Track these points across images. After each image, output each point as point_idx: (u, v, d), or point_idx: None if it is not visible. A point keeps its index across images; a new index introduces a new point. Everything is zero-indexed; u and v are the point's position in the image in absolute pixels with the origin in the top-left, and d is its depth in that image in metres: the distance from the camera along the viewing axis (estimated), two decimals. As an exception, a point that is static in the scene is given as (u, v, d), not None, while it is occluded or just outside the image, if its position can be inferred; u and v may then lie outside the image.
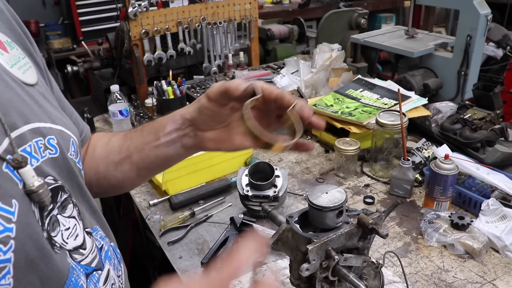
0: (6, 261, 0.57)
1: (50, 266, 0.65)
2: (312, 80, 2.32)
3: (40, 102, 0.75)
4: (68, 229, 0.73)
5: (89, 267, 0.77)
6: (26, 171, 0.63)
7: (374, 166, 1.80)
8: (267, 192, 1.51)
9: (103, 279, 0.81)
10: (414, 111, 1.89)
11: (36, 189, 0.64)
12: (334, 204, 0.98)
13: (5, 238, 0.57)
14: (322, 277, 1.01)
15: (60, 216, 0.72)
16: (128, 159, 0.97)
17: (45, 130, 0.72)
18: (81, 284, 0.73)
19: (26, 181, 0.63)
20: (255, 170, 1.56)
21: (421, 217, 1.50)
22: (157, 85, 2.27)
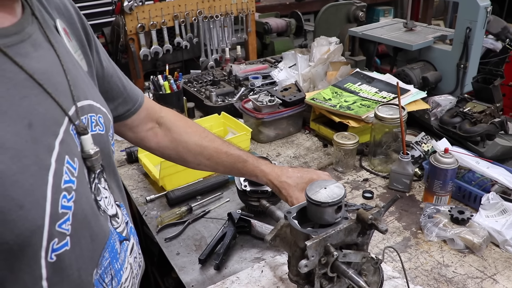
0: (68, 208, 0.65)
1: (98, 225, 0.74)
2: (310, 74, 2.30)
3: (90, 84, 0.85)
4: (106, 197, 0.83)
5: (121, 235, 0.87)
6: (87, 138, 0.74)
7: (373, 160, 1.78)
8: (265, 187, 1.45)
9: (129, 249, 0.91)
10: (413, 105, 1.87)
11: (93, 154, 0.75)
12: (333, 200, 0.97)
13: (69, 187, 0.66)
14: (321, 274, 0.99)
15: (100, 185, 0.80)
16: (211, 167, 1.29)
17: (97, 108, 0.83)
18: (116, 248, 0.83)
19: (85, 147, 0.74)
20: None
21: (421, 212, 1.49)
22: (153, 79, 2.24)
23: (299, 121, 2.09)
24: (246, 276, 1.27)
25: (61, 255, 0.64)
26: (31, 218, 0.59)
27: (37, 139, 0.62)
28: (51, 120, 0.67)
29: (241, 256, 1.36)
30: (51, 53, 0.73)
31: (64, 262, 0.65)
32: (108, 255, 0.79)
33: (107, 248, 0.78)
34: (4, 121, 0.59)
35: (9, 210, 0.56)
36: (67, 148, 0.68)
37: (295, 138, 2.06)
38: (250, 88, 2.35)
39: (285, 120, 2.02)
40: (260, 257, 1.36)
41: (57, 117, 0.69)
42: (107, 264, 0.79)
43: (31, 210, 0.59)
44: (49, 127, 0.66)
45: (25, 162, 0.59)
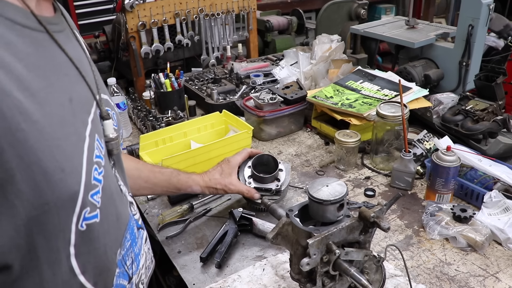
0: (99, 181, 0.70)
1: (121, 205, 0.80)
2: (311, 72, 2.29)
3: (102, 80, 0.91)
4: (122, 186, 0.87)
5: (138, 223, 0.92)
6: (109, 123, 0.80)
7: (375, 158, 1.78)
8: (269, 185, 1.46)
9: (144, 238, 0.96)
10: (415, 103, 1.87)
11: (114, 138, 0.80)
12: (335, 198, 0.96)
13: (99, 162, 0.71)
14: (323, 272, 0.99)
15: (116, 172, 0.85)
16: (151, 190, 1.41)
17: (112, 105, 0.90)
18: (135, 233, 0.88)
19: (106, 131, 0.79)
20: (258, 163, 1.51)
21: (423, 210, 1.48)
22: (154, 77, 2.24)
23: (300, 119, 2.08)
24: (247, 275, 1.27)
25: (91, 226, 0.67)
26: (70, 182, 0.62)
27: (76, 113, 0.68)
28: (85, 99, 0.74)
29: (243, 254, 1.36)
30: (79, 47, 0.81)
31: (93, 233, 0.68)
32: (130, 236, 0.84)
33: (128, 230, 0.83)
34: (52, 92, 0.63)
35: (53, 171, 0.59)
36: (96, 127, 0.74)
37: (297, 136, 2.06)
38: (251, 86, 2.35)
39: (287, 118, 2.01)
40: (261, 256, 1.35)
41: (89, 99, 0.76)
42: (128, 246, 0.83)
43: (71, 175, 0.63)
44: (84, 105, 0.72)
45: (68, 130, 0.64)
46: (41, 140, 0.58)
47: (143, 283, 0.93)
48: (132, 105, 2.28)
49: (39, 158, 0.58)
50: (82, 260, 0.68)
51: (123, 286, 0.82)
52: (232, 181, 1.41)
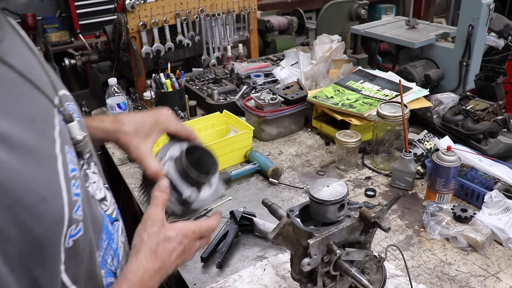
0: (78, 195, 0.67)
1: (93, 210, 0.76)
2: (312, 72, 2.30)
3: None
4: (94, 182, 0.83)
5: (111, 217, 0.88)
6: (74, 125, 0.75)
7: (375, 158, 1.78)
8: (184, 187, 0.97)
9: (120, 229, 0.92)
10: (415, 103, 1.87)
11: (81, 139, 0.75)
12: (336, 198, 0.96)
13: (75, 175, 0.68)
14: (324, 272, 0.99)
15: (88, 171, 0.81)
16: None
17: (68, 97, 0.82)
18: (110, 230, 0.85)
19: (73, 133, 0.74)
20: (196, 156, 1.03)
21: (423, 210, 1.48)
22: (155, 77, 2.24)
23: (301, 119, 2.08)
24: (248, 275, 1.27)
25: (77, 240, 0.66)
26: (54, 209, 0.61)
27: (41, 133, 0.64)
28: (47, 113, 0.68)
29: (244, 254, 1.36)
30: (25, 48, 0.74)
31: (79, 246, 0.67)
32: (106, 237, 0.82)
33: (103, 230, 0.81)
34: (11, 121, 0.59)
35: (36, 204, 0.58)
36: (64, 138, 0.69)
37: (297, 136, 2.06)
38: (252, 86, 2.35)
39: (287, 118, 2.02)
40: (262, 256, 1.35)
41: (50, 110, 0.69)
42: (106, 245, 0.81)
43: (53, 201, 0.61)
44: (47, 121, 0.67)
45: (39, 156, 0.61)
46: (15, 179, 0.56)
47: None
48: (133, 105, 2.28)
49: (18, 198, 0.55)
50: (72, 272, 0.67)
51: (111, 283, 0.82)
52: (139, 146, 0.99)
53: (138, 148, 0.99)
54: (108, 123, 1.03)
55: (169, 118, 1.05)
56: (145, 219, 0.88)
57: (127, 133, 1.00)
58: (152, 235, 0.86)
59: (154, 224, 0.87)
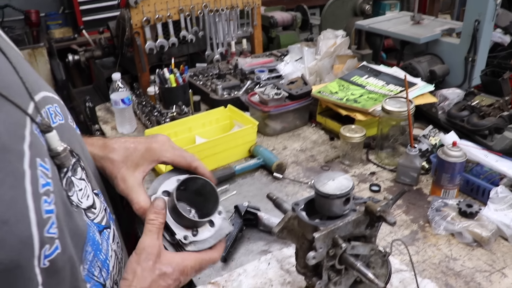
0: (51, 212, 0.62)
1: (72, 222, 0.69)
2: (316, 67, 2.29)
3: (37, 74, 0.79)
4: (80, 190, 0.77)
5: (100, 225, 0.81)
6: (53, 136, 0.68)
7: (380, 153, 1.77)
8: (179, 229, 0.85)
9: (111, 236, 0.86)
10: (420, 98, 1.86)
11: (61, 152, 0.69)
12: (341, 192, 0.96)
13: (47, 191, 0.62)
14: (329, 266, 0.99)
15: (74, 178, 0.75)
16: None
17: (50, 98, 0.76)
18: (97, 240, 0.78)
19: (51, 145, 0.68)
20: (195, 189, 0.92)
21: (428, 205, 1.47)
22: (159, 73, 2.24)
23: (305, 114, 2.08)
24: (253, 269, 1.27)
25: (54, 260, 0.61)
26: (18, 231, 0.56)
27: (6, 147, 0.58)
28: (14, 124, 0.62)
29: (248, 248, 1.36)
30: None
31: (57, 265, 0.62)
32: (91, 248, 0.75)
33: (88, 242, 0.74)
34: None
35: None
36: (36, 150, 0.63)
37: (302, 131, 2.06)
38: (256, 81, 2.35)
39: (292, 113, 2.01)
40: (267, 250, 1.35)
41: (19, 120, 0.63)
42: (91, 258, 0.75)
43: (17, 223, 0.56)
44: (14, 133, 0.61)
45: (0, 175, 0.56)
46: None
47: (117, 282, 0.85)
48: (136, 100, 2.28)
49: None
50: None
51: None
52: (126, 178, 0.89)
53: (125, 180, 0.88)
54: (96, 148, 0.94)
55: (163, 146, 0.93)
56: (140, 249, 0.79)
57: (113, 161, 0.91)
58: (146, 271, 0.78)
59: (149, 257, 0.78)
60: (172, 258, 0.80)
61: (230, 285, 1.22)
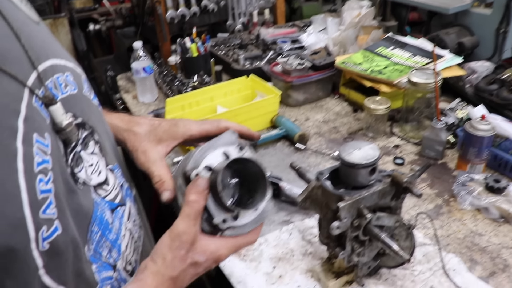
0: (48, 192, 0.58)
1: (75, 201, 0.65)
2: (340, 38, 2.23)
3: (50, 39, 0.73)
4: (91, 165, 0.72)
5: (113, 203, 0.78)
6: (57, 109, 0.63)
7: (404, 126, 1.73)
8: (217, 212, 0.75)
9: (126, 214, 0.82)
10: (447, 71, 1.80)
11: (65, 126, 0.64)
12: (367, 161, 0.94)
13: (44, 169, 0.58)
14: (353, 236, 0.98)
15: (83, 152, 0.71)
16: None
17: (61, 66, 0.71)
18: (106, 219, 0.74)
19: (56, 119, 0.63)
20: (243, 170, 0.79)
21: (454, 180, 1.44)
22: (180, 42, 2.21)
23: (328, 85, 2.04)
24: (274, 238, 1.26)
25: (54, 241, 0.58)
26: (8, 213, 0.53)
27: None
28: (7, 97, 0.57)
29: (270, 218, 1.35)
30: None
31: (59, 247, 0.59)
32: (98, 228, 0.71)
33: (94, 222, 0.70)
34: None
35: None
36: (33, 125, 0.59)
37: (325, 103, 2.02)
38: (278, 52, 2.31)
39: (315, 84, 1.97)
40: (288, 220, 1.34)
41: (14, 93, 0.58)
42: (98, 238, 0.72)
43: (6, 205, 0.53)
44: (6, 107, 0.56)
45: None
46: None
47: (131, 262, 0.82)
48: (157, 70, 2.27)
49: None
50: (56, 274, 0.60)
51: (109, 277, 0.74)
52: (148, 151, 0.85)
53: (146, 153, 0.84)
54: (121, 121, 0.90)
55: (189, 122, 0.87)
56: (174, 233, 0.72)
57: (136, 134, 0.87)
58: (176, 260, 0.72)
59: (182, 246, 0.72)
60: (207, 246, 0.74)
61: (251, 254, 1.22)
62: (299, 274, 1.15)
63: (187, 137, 0.85)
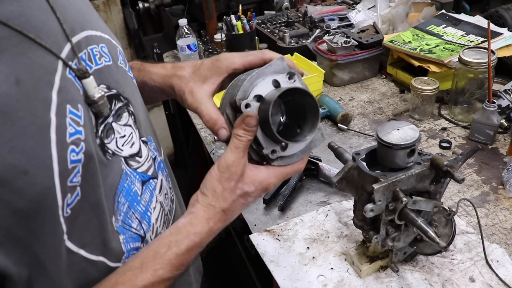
0: (77, 162, 0.60)
1: (102, 172, 0.67)
2: (389, 15, 2.15)
3: (87, 10, 0.74)
4: (123, 136, 0.74)
5: (146, 175, 0.79)
6: (89, 82, 0.64)
7: (453, 109, 1.65)
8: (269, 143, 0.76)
9: (158, 187, 0.84)
10: (505, 50, 1.69)
11: (97, 99, 0.65)
12: (406, 142, 0.90)
13: (76, 140, 0.60)
14: (388, 220, 0.94)
15: (115, 124, 0.72)
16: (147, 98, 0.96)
17: (96, 38, 0.72)
18: (135, 191, 0.76)
19: (88, 92, 0.64)
20: (292, 99, 0.78)
21: (504, 166, 1.37)
22: (226, 20, 2.20)
23: (375, 64, 1.97)
24: (310, 219, 1.25)
25: (75, 207, 0.61)
26: (39, 182, 0.54)
27: (29, 95, 0.55)
28: (41, 69, 0.58)
29: (307, 199, 1.34)
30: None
31: (78, 211, 0.62)
32: (124, 199, 0.73)
33: (120, 193, 0.72)
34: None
35: (14, 178, 0.52)
36: (67, 96, 0.60)
37: (371, 83, 1.96)
38: (325, 30, 2.25)
39: (361, 63, 1.91)
40: (326, 201, 1.32)
41: (48, 64, 0.59)
42: (126, 209, 0.74)
43: (38, 174, 0.55)
44: (40, 78, 0.57)
45: (20, 124, 0.53)
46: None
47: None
48: (203, 47, 2.27)
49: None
50: (76, 237, 0.62)
51: (136, 248, 0.76)
52: (194, 91, 0.83)
53: (193, 93, 0.83)
54: (165, 69, 0.91)
55: (231, 55, 0.84)
56: (222, 166, 0.73)
57: (181, 77, 0.86)
58: (227, 191, 0.73)
59: (232, 177, 0.73)
60: (256, 176, 0.75)
61: (286, 234, 1.21)
62: (333, 256, 1.13)
63: (231, 71, 0.83)
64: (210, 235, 0.74)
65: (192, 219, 0.73)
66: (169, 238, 0.71)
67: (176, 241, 0.70)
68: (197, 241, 0.72)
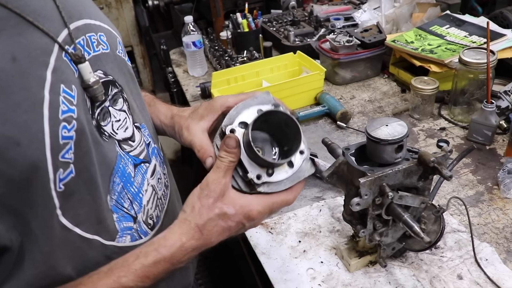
0: (69, 138, 0.63)
1: (99, 152, 0.71)
2: (393, 15, 2.15)
3: (87, 2, 0.79)
4: (118, 121, 0.78)
5: (137, 159, 0.83)
6: (85, 67, 0.68)
7: (453, 109, 1.66)
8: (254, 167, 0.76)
9: (150, 171, 0.88)
10: (507, 51, 1.69)
11: (92, 84, 0.69)
12: (393, 138, 0.91)
13: (69, 117, 0.63)
14: (375, 215, 0.96)
15: (112, 108, 0.77)
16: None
17: (95, 27, 0.76)
18: (128, 172, 0.80)
19: (84, 76, 0.68)
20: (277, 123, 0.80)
21: (500, 167, 1.37)
22: (232, 18, 2.22)
23: (378, 64, 1.98)
24: (303, 214, 1.27)
25: (69, 183, 0.64)
26: (30, 153, 0.58)
27: (24, 72, 0.59)
28: (37, 50, 0.62)
29: (301, 194, 1.35)
30: None
31: (73, 188, 0.65)
32: (119, 180, 0.77)
33: (116, 174, 0.76)
34: None
35: (6, 149, 0.55)
36: (61, 76, 0.64)
37: (372, 82, 1.97)
38: (330, 29, 2.26)
39: (363, 62, 1.92)
40: (320, 197, 1.34)
41: (44, 46, 0.63)
42: (120, 189, 0.77)
43: (29, 146, 0.58)
44: (36, 58, 0.61)
45: (15, 98, 0.57)
46: None
47: (153, 217, 0.88)
48: (209, 44, 2.29)
49: None
50: (71, 215, 0.66)
51: (129, 227, 0.79)
52: (190, 127, 0.88)
53: (189, 128, 0.88)
54: (171, 110, 0.98)
55: (226, 96, 0.89)
56: (203, 184, 0.75)
57: (181, 116, 0.93)
58: (204, 208, 0.73)
59: (210, 195, 0.73)
60: (237, 200, 0.74)
61: (279, 227, 1.23)
62: (324, 250, 1.14)
63: (225, 108, 0.87)
64: (182, 251, 0.73)
65: (167, 233, 0.74)
66: (140, 249, 0.73)
67: (145, 252, 0.72)
68: (166, 255, 0.72)
